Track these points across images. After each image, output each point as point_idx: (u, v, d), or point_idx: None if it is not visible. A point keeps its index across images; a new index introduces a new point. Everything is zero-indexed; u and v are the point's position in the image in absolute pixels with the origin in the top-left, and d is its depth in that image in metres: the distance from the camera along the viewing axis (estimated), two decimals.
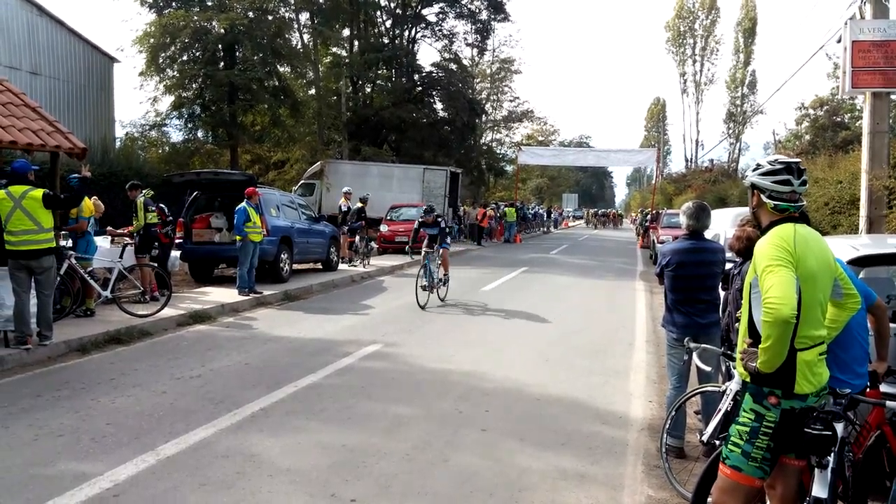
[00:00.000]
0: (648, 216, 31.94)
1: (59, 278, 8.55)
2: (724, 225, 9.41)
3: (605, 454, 5.07)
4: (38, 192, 7.56)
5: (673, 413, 4.76)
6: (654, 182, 54.55)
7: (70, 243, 9.77)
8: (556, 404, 6.27)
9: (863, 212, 11.12)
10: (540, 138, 60.93)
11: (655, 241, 22.11)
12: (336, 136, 33.66)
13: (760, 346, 2.81)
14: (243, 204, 12.17)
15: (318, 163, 28.87)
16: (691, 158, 61.73)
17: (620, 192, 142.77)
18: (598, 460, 4.94)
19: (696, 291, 5.09)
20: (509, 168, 51.42)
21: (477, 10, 38.63)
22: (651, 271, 17.85)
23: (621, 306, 12.78)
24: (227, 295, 11.94)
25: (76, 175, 8.50)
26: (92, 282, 9.53)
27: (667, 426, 4.72)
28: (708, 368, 4.58)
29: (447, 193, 28.37)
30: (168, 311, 9.86)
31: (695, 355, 4.45)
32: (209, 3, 26.29)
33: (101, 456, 4.73)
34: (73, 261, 9.20)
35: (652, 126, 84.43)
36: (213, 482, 4.35)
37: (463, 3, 38.15)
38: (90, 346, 8.14)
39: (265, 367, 7.43)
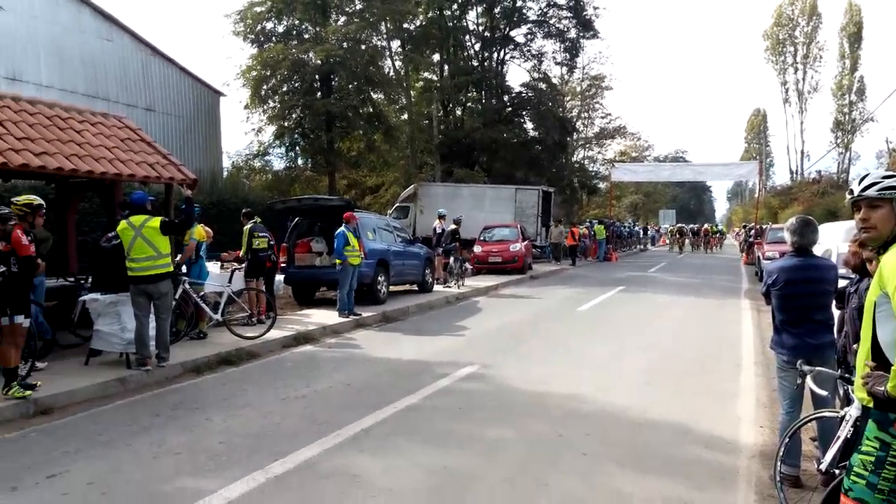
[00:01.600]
0: (752, 231, 30.61)
1: (174, 302, 9.06)
2: (835, 239, 8.91)
3: (713, 481, 4.87)
4: (156, 221, 8.07)
5: (787, 440, 4.52)
6: (756, 196, 52.31)
7: (184, 269, 10.36)
8: (660, 428, 6.08)
9: None
10: (633, 154, 59.70)
11: (760, 257, 21.17)
12: (429, 159, 34.23)
13: (894, 368, 2.63)
14: (342, 228, 12.54)
15: (412, 186, 29.40)
16: (796, 170, 58.96)
17: (721, 207, 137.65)
18: (705, 487, 4.75)
19: (807, 311, 4.83)
20: (602, 185, 50.64)
21: (565, 29, 38.48)
22: (757, 289, 17.09)
23: (727, 326, 12.28)
24: (328, 317, 12.29)
25: (187, 199, 9.00)
26: (204, 306, 10.04)
27: (780, 454, 4.48)
28: (824, 393, 4.32)
29: (539, 213, 28.22)
30: (274, 333, 10.26)
31: (808, 379, 4.22)
32: (306, 37, 27.46)
33: (214, 473, 4.95)
34: (187, 286, 9.73)
35: (752, 138, 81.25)
36: (319, 501, 4.47)
37: (551, 22, 38.11)
38: (203, 368, 8.57)
39: (365, 388, 7.59)
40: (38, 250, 7.13)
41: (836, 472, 3.45)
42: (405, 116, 32.96)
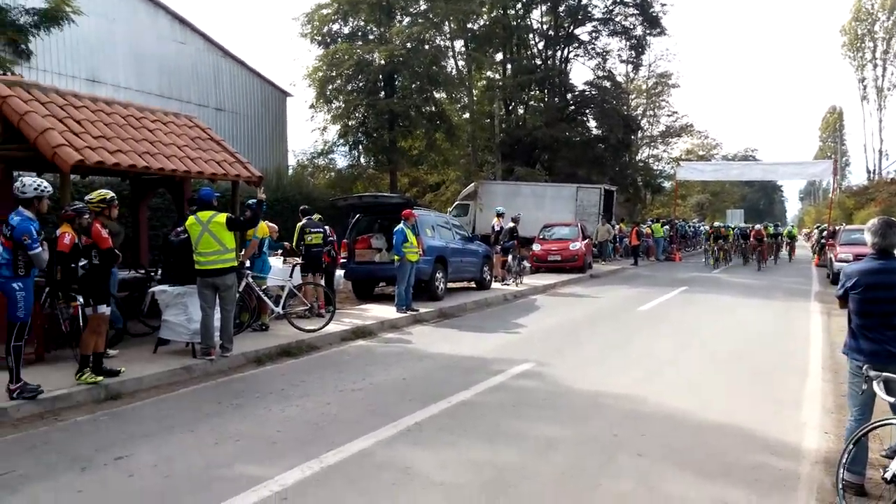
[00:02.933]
0: (825, 232, 29.44)
1: (238, 295, 9.35)
2: None
3: (773, 487, 4.73)
4: (222, 217, 8.34)
5: (852, 446, 4.35)
6: (830, 196, 50.26)
7: (248, 263, 10.66)
8: (719, 432, 5.93)
9: None
10: (700, 153, 58.22)
11: (833, 259, 20.35)
12: (490, 157, 34.24)
13: None
14: (401, 225, 12.68)
15: (472, 184, 29.47)
16: (874, 170, 56.39)
17: (792, 207, 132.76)
18: (765, 493, 4.62)
19: (887, 316, 4.62)
20: (667, 184, 49.59)
21: (631, 27, 37.85)
22: (829, 291, 16.46)
23: (794, 329, 11.87)
24: (386, 312, 12.45)
25: (254, 199, 9.28)
26: (266, 299, 10.32)
27: (844, 460, 4.32)
28: (892, 399, 4.15)
29: (601, 211, 27.86)
30: (333, 327, 10.46)
31: (875, 384, 4.06)
32: (370, 37, 27.86)
33: (271, 461, 5.09)
34: (250, 279, 10.02)
35: (827, 136, 78.10)
36: (371, 492, 4.55)
37: (617, 20, 37.54)
38: (264, 359, 8.81)
39: (420, 382, 7.66)
40: (112, 243, 7.48)
41: None
42: (467, 115, 33.06)
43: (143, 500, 4.41)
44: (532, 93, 37.05)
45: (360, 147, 29.28)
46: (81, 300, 7.16)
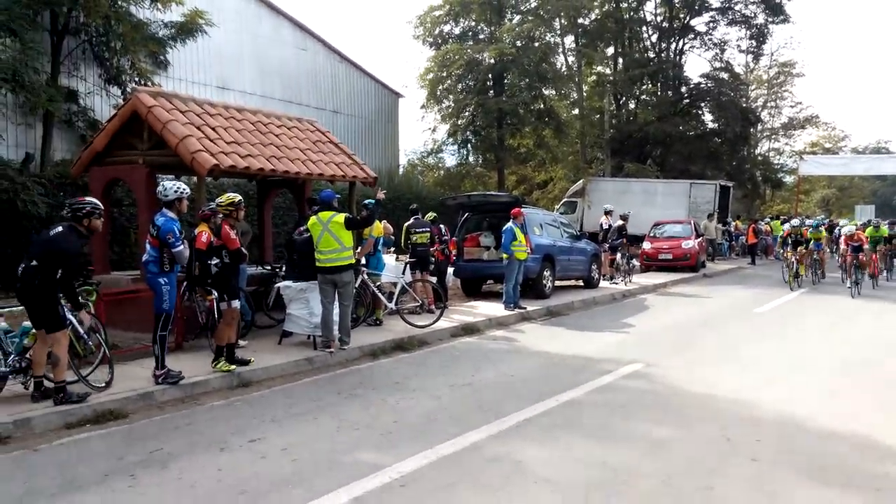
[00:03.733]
0: None
1: (354, 291, 9.83)
2: None
3: None
4: (341, 217, 8.82)
5: None
6: None
7: (364, 261, 11.17)
8: (840, 439, 5.73)
9: None
10: (827, 145, 54.79)
11: None
12: (599, 153, 33.77)
13: None
14: (510, 224, 12.84)
15: (580, 181, 29.19)
16: None
17: None
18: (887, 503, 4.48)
19: None
20: (789, 179, 47.01)
21: (752, 15, 36.03)
22: None
23: None
24: (494, 309, 12.66)
25: (371, 200, 9.74)
26: (380, 295, 10.79)
27: None
28: None
29: (716, 209, 26.85)
30: (443, 323, 10.78)
31: None
32: (481, 37, 28.19)
33: (388, 449, 5.41)
34: (366, 276, 10.50)
35: None
36: (483, 484, 4.76)
37: (736, 8, 35.89)
38: (379, 352, 9.25)
39: (528, 379, 7.82)
40: (240, 242, 8.09)
41: None
42: (576, 111, 32.74)
43: (275, 481, 4.82)
44: (644, 87, 36.15)
45: (469, 145, 29.67)
46: (216, 294, 7.80)
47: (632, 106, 36.46)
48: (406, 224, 12.63)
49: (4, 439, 5.69)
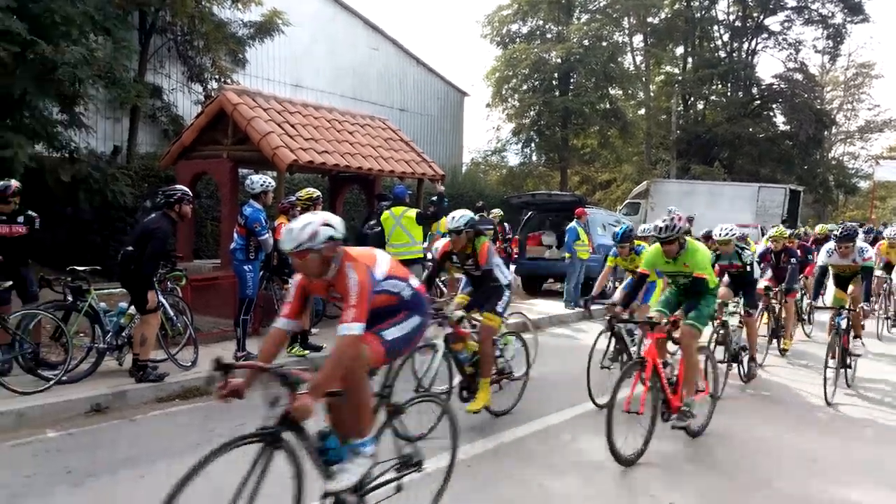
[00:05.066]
0: None
1: None
2: None
3: None
4: (413, 212, 9.19)
5: None
6: None
7: (429, 255, 11.51)
8: None
9: None
10: None
11: None
12: (664, 154, 33.37)
13: None
14: (573, 224, 13.00)
15: (644, 182, 28.93)
16: None
17: None
18: None
19: None
20: (864, 184, 45.30)
21: (829, 14, 34.93)
22: None
23: None
24: (553, 307, 12.84)
25: (435, 196, 10.06)
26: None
27: None
28: None
29: (785, 214, 26.21)
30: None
31: None
32: (548, 36, 28.24)
33: None
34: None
35: None
36: (545, 467, 5.03)
37: (813, 7, 34.85)
38: None
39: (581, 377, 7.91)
40: None
41: None
42: (642, 111, 32.44)
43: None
44: (714, 87, 35.47)
45: (533, 145, 29.81)
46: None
47: (700, 106, 35.83)
48: None
49: (104, 409, 6.25)
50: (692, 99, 35.36)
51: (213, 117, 10.13)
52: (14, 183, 6.80)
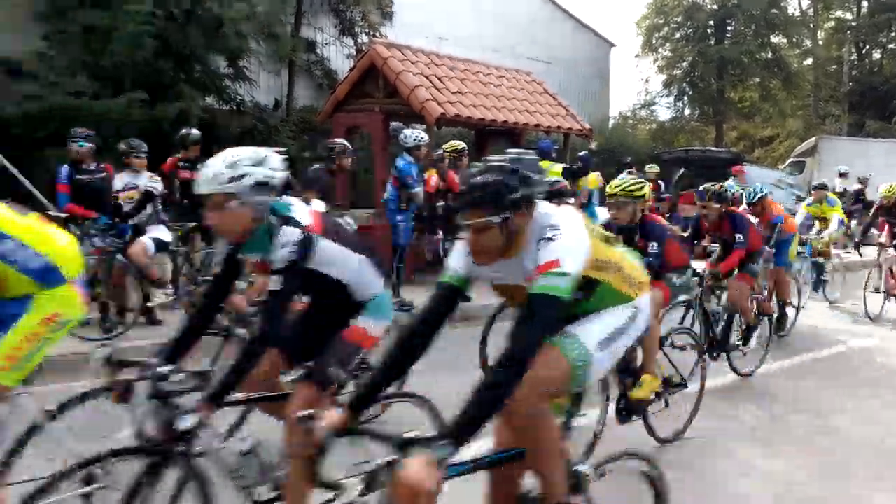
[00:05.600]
0: None
1: None
2: None
3: None
4: (559, 167, 9.00)
5: None
6: None
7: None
8: None
9: None
10: None
11: None
12: (834, 109, 30.53)
13: None
14: (730, 181, 12.20)
15: (812, 139, 26.65)
16: None
17: None
18: None
19: None
20: None
21: None
22: None
23: None
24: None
25: (585, 152, 9.79)
26: None
27: None
28: None
29: None
30: None
31: None
32: None
33: None
34: None
35: None
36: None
37: None
38: None
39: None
40: None
41: None
42: (809, 61, 29.75)
43: None
44: (893, 34, 31.83)
45: (685, 98, 28.24)
46: (441, 234, 8.37)
47: (876, 56, 32.30)
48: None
49: None
50: (867, 47, 31.94)
51: (364, 71, 10.35)
52: (195, 131, 7.32)
